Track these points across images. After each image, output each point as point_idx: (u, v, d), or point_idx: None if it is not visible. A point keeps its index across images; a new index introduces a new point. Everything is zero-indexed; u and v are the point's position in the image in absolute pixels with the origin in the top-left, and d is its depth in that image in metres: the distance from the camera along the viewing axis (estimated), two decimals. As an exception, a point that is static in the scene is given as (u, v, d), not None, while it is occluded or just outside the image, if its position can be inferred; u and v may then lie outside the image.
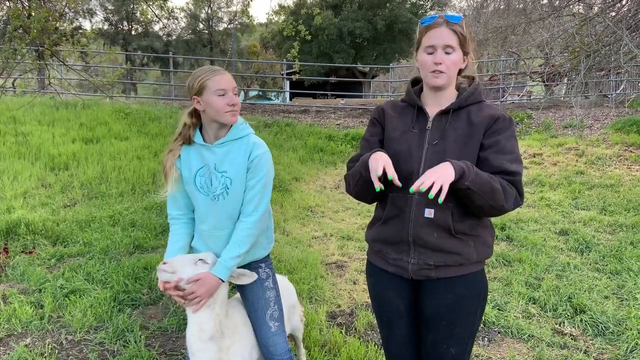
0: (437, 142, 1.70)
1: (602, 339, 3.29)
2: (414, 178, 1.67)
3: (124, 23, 29.43)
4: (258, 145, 2.04)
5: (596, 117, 11.19)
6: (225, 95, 1.94)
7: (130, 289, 3.86)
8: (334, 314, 3.68)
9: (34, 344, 3.13)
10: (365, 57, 23.84)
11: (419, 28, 1.73)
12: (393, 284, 1.83)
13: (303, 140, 10.45)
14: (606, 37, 7.00)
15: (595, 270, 4.47)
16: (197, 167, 2.04)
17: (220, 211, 2.04)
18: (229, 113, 1.96)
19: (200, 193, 2.04)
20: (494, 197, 1.56)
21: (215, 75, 1.96)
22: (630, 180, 7.30)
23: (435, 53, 1.66)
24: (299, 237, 5.44)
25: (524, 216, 6.02)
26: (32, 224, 5.10)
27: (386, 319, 1.90)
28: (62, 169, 7.30)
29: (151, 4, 8.26)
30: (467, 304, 1.74)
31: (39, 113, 9.87)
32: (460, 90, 1.77)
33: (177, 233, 2.13)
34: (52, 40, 6.02)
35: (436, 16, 1.69)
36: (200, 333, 1.97)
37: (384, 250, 1.82)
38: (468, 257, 1.69)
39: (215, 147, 2.02)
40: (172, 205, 2.15)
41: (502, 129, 1.67)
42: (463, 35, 1.68)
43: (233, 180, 2.01)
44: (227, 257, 1.98)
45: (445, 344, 1.75)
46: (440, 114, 1.73)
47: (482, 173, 1.56)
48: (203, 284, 1.92)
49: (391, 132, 1.79)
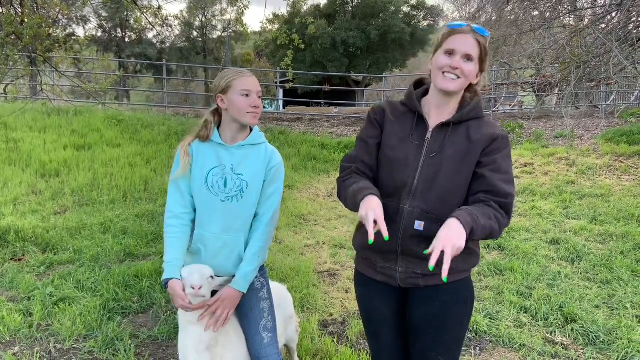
0: (435, 155, 1.68)
1: (592, 348, 3.30)
2: (407, 188, 1.67)
3: (118, 30, 29.43)
4: (276, 154, 2.09)
5: (587, 127, 11.30)
6: (250, 97, 1.97)
7: (120, 297, 3.83)
8: (326, 323, 3.66)
9: (22, 353, 3.09)
10: (358, 66, 23.98)
11: (443, 31, 1.69)
12: (381, 293, 1.83)
13: (296, 148, 10.46)
14: (596, 48, 7.09)
15: (586, 280, 4.50)
16: (210, 166, 2.01)
17: (230, 214, 2.01)
18: (250, 114, 1.98)
19: (210, 193, 1.99)
20: (490, 236, 1.57)
21: (243, 76, 1.99)
22: (620, 190, 7.36)
23: (454, 56, 1.63)
24: (291, 245, 5.43)
25: (516, 225, 6.05)
26: (21, 231, 5.06)
27: (374, 327, 1.89)
28: (53, 176, 7.25)
29: (145, 12, 8.25)
30: (454, 311, 1.74)
31: (31, 119, 9.81)
32: (464, 104, 1.74)
33: (178, 237, 2.01)
34: (44, 47, 6.00)
35: (464, 24, 1.66)
36: (199, 345, 1.96)
37: (372, 259, 1.81)
38: (455, 266, 1.68)
39: (234, 149, 2.02)
40: (175, 201, 2.04)
41: (499, 149, 1.67)
42: (485, 49, 1.66)
43: (249, 185, 2.00)
44: (248, 271, 2.03)
45: (434, 352, 1.75)
46: (441, 126, 1.71)
47: (485, 220, 1.51)
48: (226, 299, 1.99)
49: (389, 139, 1.75)
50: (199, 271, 1.94)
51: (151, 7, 8.65)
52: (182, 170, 2.00)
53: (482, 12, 11.66)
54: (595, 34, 7.01)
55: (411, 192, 1.68)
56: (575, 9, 8.66)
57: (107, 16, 27.98)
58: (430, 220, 1.65)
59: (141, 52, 28.22)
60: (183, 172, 2.01)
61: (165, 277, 1.94)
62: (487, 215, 1.54)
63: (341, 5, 24.93)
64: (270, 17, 25.96)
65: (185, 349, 1.98)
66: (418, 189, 1.67)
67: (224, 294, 1.99)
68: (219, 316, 1.97)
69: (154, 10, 8.53)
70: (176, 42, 31.68)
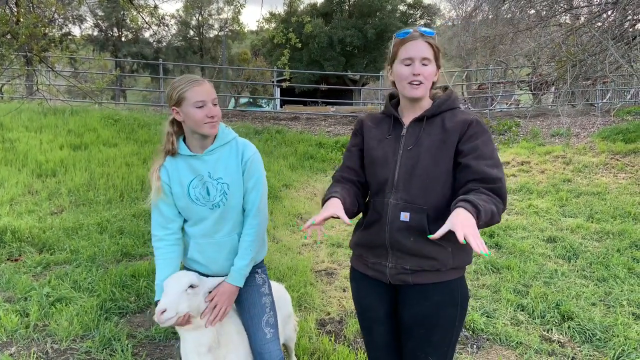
0: (412, 147, 1.73)
1: (589, 346, 3.31)
2: (389, 182, 1.74)
3: (114, 29, 29.34)
4: (248, 146, 2.06)
5: (583, 125, 11.34)
6: (204, 107, 1.89)
7: (117, 297, 3.82)
8: (324, 322, 3.66)
9: (19, 353, 3.08)
10: (355, 65, 23.98)
11: (394, 41, 1.77)
12: (373, 290, 1.86)
13: (293, 148, 10.45)
14: (592, 47, 7.11)
15: (583, 277, 4.51)
16: (188, 179, 1.99)
17: (219, 218, 2.02)
18: (207, 125, 1.91)
19: (197, 205, 1.99)
20: (493, 219, 1.54)
21: (194, 86, 1.90)
22: (616, 188, 7.38)
23: (413, 64, 1.70)
24: (288, 244, 5.43)
25: (512, 223, 6.06)
26: (18, 231, 5.04)
27: (367, 324, 1.92)
28: (49, 176, 7.23)
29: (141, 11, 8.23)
30: (445, 312, 1.74)
31: (27, 119, 9.77)
32: (435, 99, 1.81)
33: (165, 258, 2.03)
34: (40, 46, 5.98)
35: (410, 31, 1.73)
36: (199, 347, 1.95)
37: (364, 255, 1.85)
38: (445, 262, 1.70)
39: (205, 156, 1.99)
40: (157, 224, 2.05)
41: (477, 134, 1.68)
42: (437, 49, 1.73)
43: (230, 185, 2.00)
44: (242, 265, 2.03)
45: (424, 352, 1.76)
46: (415, 121, 1.77)
47: (485, 204, 1.50)
48: (223, 294, 1.98)
49: (369, 141, 1.86)
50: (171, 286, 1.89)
51: (147, 6, 8.63)
52: (155, 194, 1.99)
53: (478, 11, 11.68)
54: (591, 33, 7.03)
55: (393, 185, 1.73)
56: (571, 8, 8.69)
57: (103, 15, 27.89)
58: (414, 210, 1.69)
59: (138, 52, 28.15)
60: (157, 196, 1.99)
61: (156, 299, 2.00)
62: (484, 200, 1.54)
63: (338, 4, 24.93)
64: (267, 16, 25.95)
65: (186, 353, 1.98)
66: (399, 182, 1.72)
67: (221, 289, 2.00)
68: (217, 312, 1.97)
69: (150, 9, 8.52)
70: (173, 41, 31.63)
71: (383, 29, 22.81)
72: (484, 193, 1.57)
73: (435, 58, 1.73)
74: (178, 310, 1.84)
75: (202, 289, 1.98)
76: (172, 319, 1.83)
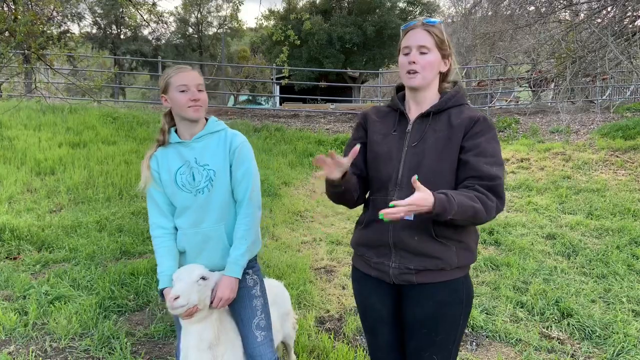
0: (417, 143, 1.71)
1: (588, 343, 3.31)
2: (393, 180, 1.70)
3: (113, 27, 29.28)
4: (236, 135, 2.08)
5: (582, 122, 11.32)
6: (188, 92, 1.95)
7: (116, 295, 3.82)
8: (323, 319, 3.66)
9: (17, 352, 3.08)
10: (354, 62, 23.92)
11: (400, 35, 1.78)
12: (376, 290, 1.83)
13: (292, 145, 10.43)
14: (592, 43, 7.09)
15: (582, 274, 4.51)
16: (176, 166, 2.02)
17: (204, 206, 2.01)
18: (191, 108, 1.97)
19: (182, 191, 2.01)
20: (476, 217, 1.56)
21: (179, 72, 1.99)
22: (616, 185, 7.38)
23: (410, 52, 1.69)
24: (288, 242, 5.42)
25: (512, 220, 6.06)
26: (17, 230, 5.03)
27: (370, 325, 1.90)
28: (48, 174, 7.22)
29: (140, 8, 8.21)
30: (449, 311, 1.72)
31: (25, 117, 9.75)
32: (443, 94, 1.78)
33: (165, 246, 2.06)
34: (38, 44, 5.95)
35: (416, 21, 1.73)
36: (200, 343, 1.95)
37: (366, 255, 1.82)
38: (449, 261, 1.68)
39: (193, 143, 2.03)
40: (154, 213, 2.08)
41: (482, 132, 1.66)
42: (439, 37, 1.70)
43: (217, 172, 2.01)
44: (237, 255, 2.01)
45: (428, 352, 1.74)
46: (421, 117, 1.74)
47: (463, 199, 1.52)
48: (226, 287, 1.98)
49: (373, 136, 1.82)
50: (184, 275, 1.93)
51: (146, 4, 8.60)
52: (143, 183, 2.04)
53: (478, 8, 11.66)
54: (591, 29, 7.01)
55: (397, 183, 1.70)
56: (570, 4, 8.67)
57: (101, 13, 27.84)
58: None
59: (136, 49, 28.12)
60: (144, 185, 2.04)
61: (160, 287, 2.01)
62: (468, 196, 1.54)
63: (337, 1, 24.87)
64: (266, 13, 25.91)
65: (187, 348, 1.97)
66: (404, 180, 1.69)
67: (221, 284, 1.99)
68: (220, 297, 1.97)
69: (148, 6, 8.49)
70: (172, 38, 31.57)
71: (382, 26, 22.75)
72: (477, 190, 1.56)
73: (438, 47, 1.70)
74: (189, 300, 1.86)
75: (211, 282, 1.99)
76: (183, 307, 1.85)
